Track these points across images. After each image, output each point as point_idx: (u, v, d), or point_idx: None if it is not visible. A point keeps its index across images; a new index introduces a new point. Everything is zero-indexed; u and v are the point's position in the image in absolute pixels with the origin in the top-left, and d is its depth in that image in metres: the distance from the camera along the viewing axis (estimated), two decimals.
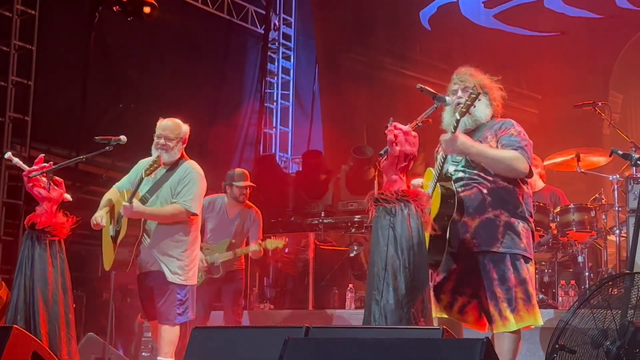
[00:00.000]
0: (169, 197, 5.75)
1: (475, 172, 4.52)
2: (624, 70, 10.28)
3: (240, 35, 12.55)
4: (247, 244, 7.55)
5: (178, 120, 5.85)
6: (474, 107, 4.47)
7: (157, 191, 5.78)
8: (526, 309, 4.41)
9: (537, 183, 7.73)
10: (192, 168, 5.81)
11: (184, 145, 5.85)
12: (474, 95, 4.30)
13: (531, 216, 4.60)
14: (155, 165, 5.56)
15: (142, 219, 5.70)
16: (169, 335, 5.70)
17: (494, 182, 4.49)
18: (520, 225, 4.49)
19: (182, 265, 5.74)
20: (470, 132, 4.58)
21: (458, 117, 4.30)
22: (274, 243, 7.51)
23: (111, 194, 5.97)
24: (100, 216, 5.73)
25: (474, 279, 4.48)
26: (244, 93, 12.58)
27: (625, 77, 10.30)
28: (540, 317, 4.50)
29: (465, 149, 4.37)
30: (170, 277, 5.69)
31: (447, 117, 4.61)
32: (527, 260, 4.50)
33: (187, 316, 5.76)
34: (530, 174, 4.52)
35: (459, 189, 4.50)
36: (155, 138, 5.78)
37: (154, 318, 5.86)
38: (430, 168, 4.62)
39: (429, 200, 4.14)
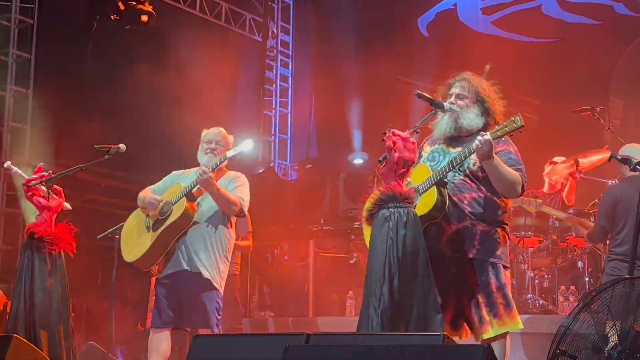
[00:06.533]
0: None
1: (461, 177, 4.50)
2: (623, 77, 10.28)
3: (238, 43, 12.55)
4: None
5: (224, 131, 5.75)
6: (463, 116, 4.50)
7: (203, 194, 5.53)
8: (507, 313, 4.40)
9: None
10: (242, 175, 5.67)
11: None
12: (515, 126, 4.21)
13: (506, 224, 4.60)
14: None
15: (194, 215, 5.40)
16: None
17: (477, 190, 4.49)
18: (498, 234, 4.50)
19: (222, 271, 5.43)
20: (455, 139, 4.57)
21: (490, 138, 4.19)
22: None
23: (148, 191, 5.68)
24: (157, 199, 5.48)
25: (451, 284, 4.43)
26: (243, 101, 12.57)
27: (626, 83, 10.30)
28: (520, 321, 4.48)
29: (491, 157, 4.27)
30: (212, 281, 5.32)
31: (442, 121, 4.58)
32: (505, 267, 4.51)
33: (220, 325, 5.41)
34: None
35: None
36: (204, 144, 5.61)
37: (174, 325, 5.41)
38: (425, 164, 4.57)
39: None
